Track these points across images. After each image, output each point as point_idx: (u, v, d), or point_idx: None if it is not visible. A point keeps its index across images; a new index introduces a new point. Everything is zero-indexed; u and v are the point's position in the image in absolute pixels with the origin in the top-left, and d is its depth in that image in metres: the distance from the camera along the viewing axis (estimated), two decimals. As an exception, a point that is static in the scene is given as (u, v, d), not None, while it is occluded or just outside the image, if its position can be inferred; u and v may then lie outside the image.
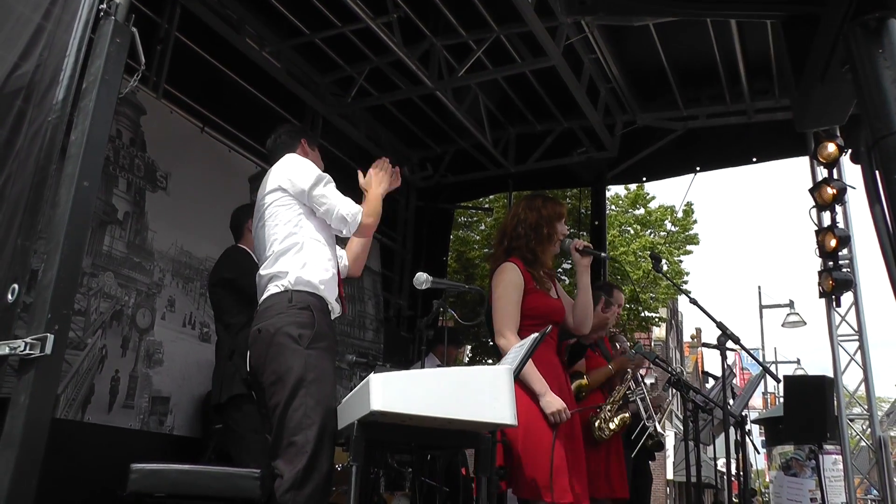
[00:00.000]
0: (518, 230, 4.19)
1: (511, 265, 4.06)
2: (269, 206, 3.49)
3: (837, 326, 7.85)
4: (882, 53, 1.87)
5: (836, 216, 7.56)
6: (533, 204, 4.29)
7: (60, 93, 2.85)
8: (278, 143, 3.84)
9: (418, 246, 10.22)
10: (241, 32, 7.14)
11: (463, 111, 8.24)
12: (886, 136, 1.79)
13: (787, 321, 21.93)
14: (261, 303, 3.41)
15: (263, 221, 3.51)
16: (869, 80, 1.86)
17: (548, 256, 4.24)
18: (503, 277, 4.04)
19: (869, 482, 8.29)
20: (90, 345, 5.35)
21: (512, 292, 3.97)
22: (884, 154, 1.80)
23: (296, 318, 3.23)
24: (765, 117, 8.40)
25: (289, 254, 3.39)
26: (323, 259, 3.47)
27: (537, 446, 3.69)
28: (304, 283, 3.32)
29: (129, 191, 5.81)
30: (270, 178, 3.57)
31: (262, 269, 3.46)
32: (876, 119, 1.83)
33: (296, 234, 3.42)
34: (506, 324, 3.90)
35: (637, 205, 20.36)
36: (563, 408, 3.75)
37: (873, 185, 1.88)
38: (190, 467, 2.98)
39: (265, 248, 3.48)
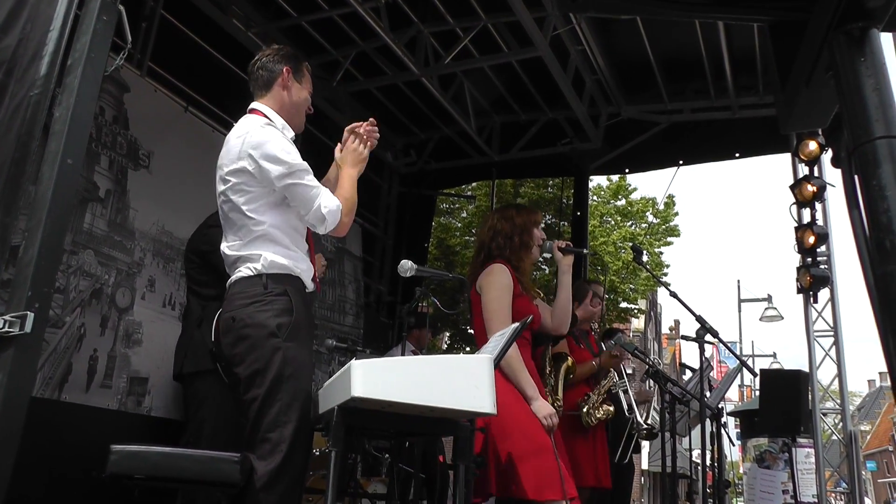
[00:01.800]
0: (497, 241, 4.24)
1: (502, 267, 4.10)
2: (233, 185, 3.23)
3: (814, 322, 7.94)
4: (864, 62, 1.91)
5: (816, 213, 7.63)
6: (507, 214, 4.35)
7: (43, 68, 2.83)
8: (256, 73, 3.49)
9: (400, 232, 10.21)
10: (227, 12, 7.10)
11: (448, 98, 8.24)
12: (866, 143, 1.83)
13: (765, 315, 22.15)
14: (231, 285, 3.25)
15: (228, 201, 3.27)
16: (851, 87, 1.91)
17: (527, 263, 4.29)
18: (497, 279, 4.06)
19: (839, 475, 8.38)
20: (68, 323, 5.31)
21: (505, 296, 4.01)
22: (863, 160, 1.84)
23: (272, 305, 3.10)
24: (749, 113, 8.44)
25: (260, 240, 3.20)
26: (297, 244, 3.32)
27: (538, 447, 3.71)
28: (278, 267, 3.18)
29: (112, 169, 5.77)
30: (234, 149, 3.26)
31: (228, 249, 3.28)
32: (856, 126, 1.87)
33: (265, 222, 3.21)
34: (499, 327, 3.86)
35: (619, 196, 20.41)
36: (553, 412, 3.81)
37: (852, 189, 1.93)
38: (171, 450, 2.96)
39: (231, 228, 3.29)
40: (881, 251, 1.79)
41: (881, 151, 1.82)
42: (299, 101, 3.51)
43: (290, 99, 3.47)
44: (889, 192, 1.78)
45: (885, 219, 1.78)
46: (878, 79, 1.89)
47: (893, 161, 1.80)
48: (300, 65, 3.55)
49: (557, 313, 4.36)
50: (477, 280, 4.13)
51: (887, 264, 1.77)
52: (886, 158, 1.81)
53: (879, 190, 1.80)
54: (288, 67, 3.46)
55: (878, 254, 1.80)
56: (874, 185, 1.82)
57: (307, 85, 3.57)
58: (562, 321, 4.38)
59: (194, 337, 4.73)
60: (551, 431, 3.79)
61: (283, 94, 3.45)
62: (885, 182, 1.79)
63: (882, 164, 1.81)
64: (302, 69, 3.55)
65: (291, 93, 3.47)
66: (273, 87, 3.45)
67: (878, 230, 1.80)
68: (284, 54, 3.51)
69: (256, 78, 3.49)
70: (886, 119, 1.84)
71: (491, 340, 3.53)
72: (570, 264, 4.39)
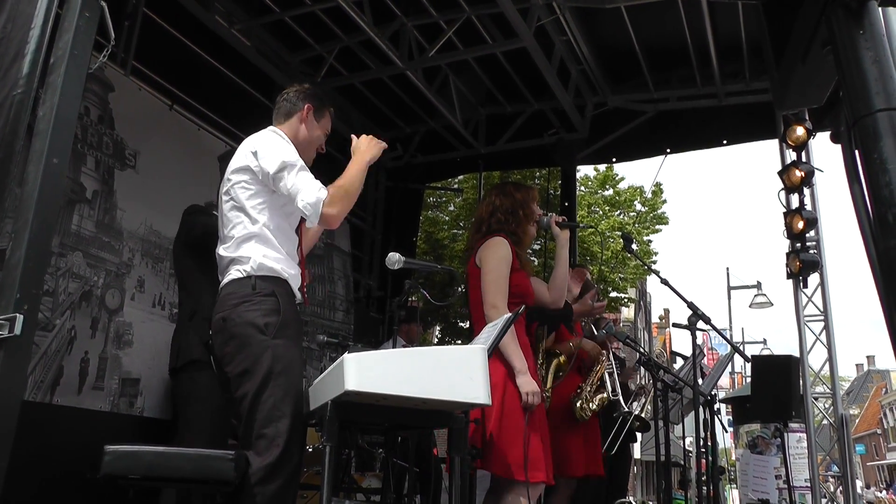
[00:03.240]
0: (497, 216, 4.24)
1: (502, 240, 4.10)
2: (235, 185, 3.31)
3: (804, 307, 7.94)
4: (863, 34, 1.89)
5: (804, 198, 7.63)
6: (505, 190, 4.37)
7: (25, 67, 2.81)
8: (281, 103, 3.61)
9: (388, 226, 10.21)
10: (210, 9, 7.07)
11: (433, 92, 8.23)
12: (866, 116, 1.81)
13: (755, 302, 22.21)
14: (222, 287, 3.30)
15: (229, 199, 3.35)
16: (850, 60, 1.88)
17: (528, 237, 4.31)
18: (496, 251, 4.06)
19: (830, 459, 8.42)
20: (59, 326, 5.29)
21: (504, 267, 4.01)
22: (863, 133, 1.82)
23: (261, 305, 3.15)
24: (735, 100, 8.45)
25: (252, 241, 3.26)
26: (288, 249, 3.36)
27: (513, 425, 3.72)
28: (267, 269, 3.22)
29: (98, 169, 5.74)
30: (240, 153, 3.39)
31: (223, 250, 3.35)
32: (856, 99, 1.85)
33: (259, 221, 3.27)
34: (498, 297, 3.94)
35: (606, 185, 20.41)
36: (538, 391, 3.80)
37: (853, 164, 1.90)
38: (164, 449, 2.94)
39: (227, 228, 3.34)
40: (884, 226, 1.76)
41: (882, 124, 1.80)
42: (312, 138, 3.58)
43: (304, 133, 3.54)
44: (891, 166, 1.75)
45: (886, 192, 1.76)
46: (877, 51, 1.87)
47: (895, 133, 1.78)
48: (324, 107, 3.64)
49: (554, 287, 4.39)
50: (476, 253, 4.12)
51: (890, 239, 1.75)
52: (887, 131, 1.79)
53: (881, 163, 1.78)
54: (311, 105, 3.55)
55: (881, 229, 1.78)
56: (875, 158, 1.80)
57: (325, 126, 3.65)
58: (559, 295, 4.41)
59: (186, 330, 4.71)
60: (529, 409, 3.77)
61: (299, 127, 3.53)
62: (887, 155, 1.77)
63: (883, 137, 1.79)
64: (324, 112, 3.64)
65: (308, 128, 3.55)
66: (292, 118, 3.54)
67: (881, 204, 1.78)
68: (312, 94, 3.62)
69: (280, 107, 3.59)
70: (887, 91, 1.82)
71: (484, 331, 3.53)
72: (567, 238, 4.42)
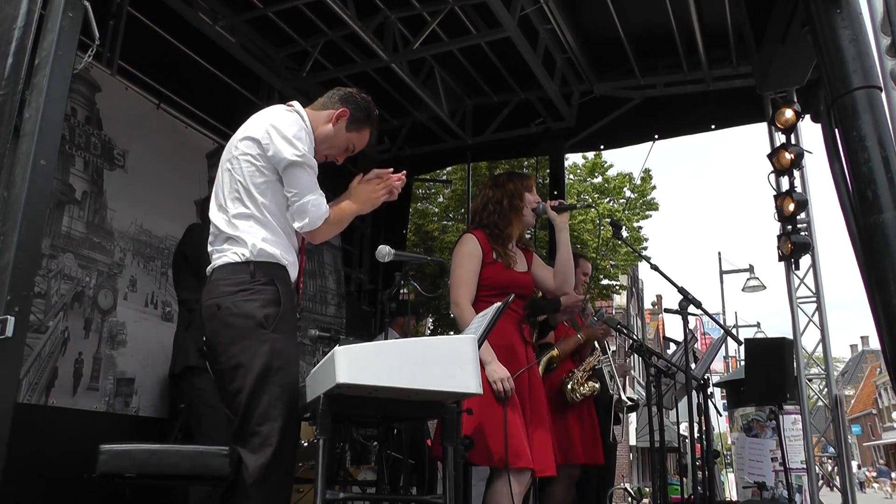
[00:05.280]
0: (488, 208, 4.26)
1: (470, 237, 4.13)
2: (241, 157, 3.16)
3: (796, 289, 7.98)
4: (840, 13, 1.90)
5: (794, 181, 7.66)
6: (498, 181, 4.38)
7: (7, 69, 2.81)
8: (329, 94, 3.46)
9: (377, 219, 10.17)
10: (193, 6, 7.04)
11: (419, 83, 8.23)
12: (844, 95, 1.83)
13: (747, 286, 22.21)
14: (215, 268, 3.16)
15: (231, 168, 3.19)
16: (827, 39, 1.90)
17: (514, 229, 4.29)
18: (460, 248, 4.12)
19: (826, 440, 8.46)
20: (52, 327, 5.29)
21: (468, 263, 4.03)
22: (842, 112, 1.83)
23: (260, 295, 3.03)
24: (723, 85, 8.46)
25: (251, 221, 3.13)
26: (287, 235, 3.23)
27: (487, 415, 3.74)
28: (266, 255, 3.09)
29: (87, 170, 5.74)
30: (257, 123, 3.22)
31: (221, 220, 3.19)
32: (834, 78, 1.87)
33: (260, 201, 3.13)
34: (460, 293, 3.99)
35: (595, 173, 20.44)
36: (507, 377, 3.79)
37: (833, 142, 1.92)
38: (159, 446, 2.95)
39: (225, 195, 3.19)
40: (863, 202, 1.78)
41: (860, 102, 1.81)
42: (332, 143, 3.42)
43: (328, 132, 3.38)
44: (869, 143, 1.77)
45: (866, 169, 1.78)
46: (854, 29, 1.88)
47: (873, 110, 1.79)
48: (363, 124, 3.47)
49: (559, 272, 4.34)
50: None
51: (870, 215, 1.76)
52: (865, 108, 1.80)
53: (860, 140, 1.79)
54: (348, 111, 3.39)
55: (861, 205, 1.79)
56: (854, 136, 1.81)
57: (351, 140, 3.46)
58: (564, 279, 4.35)
59: (183, 338, 4.75)
60: (504, 396, 3.78)
61: (326, 124, 3.37)
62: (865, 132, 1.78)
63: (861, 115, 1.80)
64: (362, 128, 3.47)
65: (333, 130, 3.39)
66: (325, 111, 3.39)
67: (860, 181, 1.79)
68: (360, 106, 3.44)
69: (325, 95, 3.47)
70: (864, 69, 1.83)
71: (474, 321, 3.54)
72: (565, 221, 4.36)
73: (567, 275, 4.36)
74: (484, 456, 3.74)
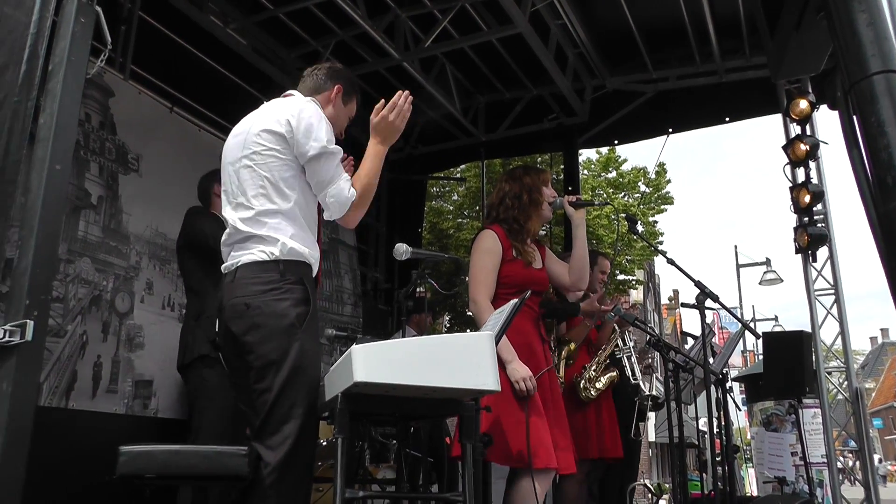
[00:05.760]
0: (505, 202, 4.23)
1: (489, 233, 4.09)
2: (264, 151, 3.14)
3: (814, 281, 7.93)
4: (856, -3, 1.86)
5: (810, 172, 7.61)
6: (514, 175, 4.34)
7: (21, 75, 2.82)
8: (308, 77, 3.49)
9: (392, 218, 10.21)
10: (204, 10, 7.07)
11: (431, 82, 8.24)
12: (862, 80, 1.80)
13: (764, 279, 22.12)
14: (240, 266, 3.11)
15: (254, 163, 3.16)
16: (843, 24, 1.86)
17: (533, 224, 4.23)
18: (479, 245, 4.09)
19: (847, 434, 8.40)
20: (70, 331, 5.32)
21: (487, 260, 4.00)
22: (860, 97, 1.80)
23: (291, 294, 3.02)
24: (736, 76, 8.42)
25: (279, 218, 3.11)
26: (312, 229, 3.24)
27: (508, 413, 3.72)
28: (296, 254, 3.08)
29: (102, 174, 5.77)
30: (273, 115, 3.21)
31: (239, 219, 3.17)
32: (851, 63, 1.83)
33: (291, 198, 3.13)
34: (479, 290, 3.95)
35: (609, 168, 20.40)
36: (529, 376, 3.77)
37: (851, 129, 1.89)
38: (179, 447, 2.96)
39: (246, 194, 3.16)
40: (883, 189, 1.75)
41: (878, 87, 1.77)
42: (342, 115, 3.52)
43: (331, 113, 3.42)
44: (888, 128, 1.74)
45: (885, 155, 1.75)
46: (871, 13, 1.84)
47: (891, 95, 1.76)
48: (353, 92, 3.56)
49: (574, 268, 4.30)
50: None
51: (890, 202, 1.73)
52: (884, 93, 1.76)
53: (878, 126, 1.76)
54: (341, 87, 3.47)
55: (881, 192, 1.76)
56: (872, 121, 1.78)
57: (350, 111, 3.58)
58: (579, 276, 4.32)
59: (193, 329, 4.75)
60: (527, 395, 3.77)
61: (326, 106, 3.42)
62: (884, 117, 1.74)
63: (880, 100, 1.76)
64: (353, 96, 3.57)
65: (335, 109, 3.46)
66: (319, 94, 3.43)
67: (879, 167, 1.76)
68: (344, 75, 3.53)
69: (307, 80, 3.49)
70: (882, 53, 1.80)
71: (491, 318, 3.53)
72: (583, 217, 4.33)
73: (583, 271, 4.32)
74: (507, 455, 3.71)
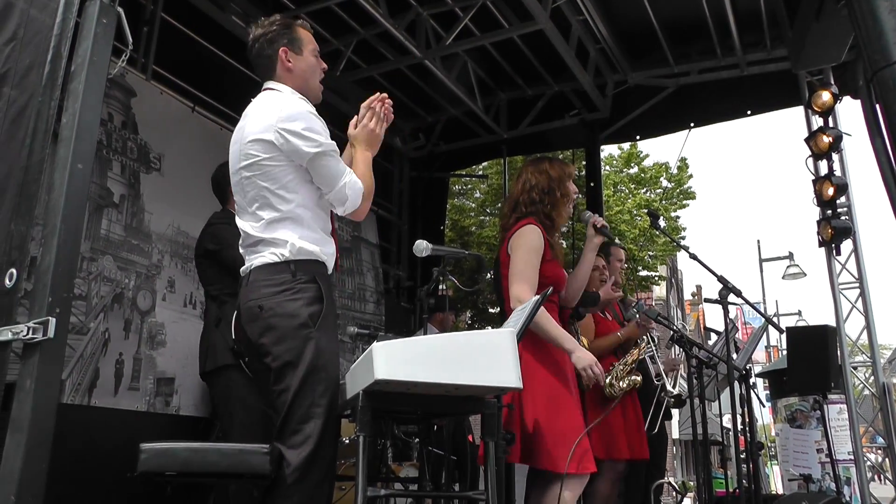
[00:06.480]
0: (531, 195, 4.09)
1: (535, 227, 3.95)
2: (259, 162, 3.11)
3: (838, 275, 7.84)
4: (877, -15, 1.83)
5: (833, 164, 7.53)
6: (540, 167, 4.18)
7: (45, 75, 2.84)
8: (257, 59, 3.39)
9: (414, 216, 10.23)
10: (226, 10, 7.10)
11: (452, 79, 8.22)
12: (884, 68, 1.77)
13: (788, 273, 21.95)
14: (252, 269, 3.13)
15: (252, 174, 3.14)
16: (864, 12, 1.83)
17: (563, 219, 4.16)
18: (527, 239, 3.93)
19: (874, 430, 8.31)
20: (93, 329, 5.36)
21: (534, 258, 3.86)
22: (883, 85, 1.77)
23: (304, 293, 3.02)
24: (757, 69, 8.36)
25: (286, 223, 3.11)
26: (322, 224, 3.23)
27: (562, 417, 3.65)
28: (306, 253, 3.07)
29: (124, 173, 5.80)
30: (260, 119, 3.16)
31: (249, 228, 3.18)
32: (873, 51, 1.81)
33: (292, 201, 3.11)
34: (524, 289, 3.78)
35: (631, 164, 20.32)
36: (594, 362, 3.71)
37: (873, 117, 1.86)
38: (200, 445, 2.96)
39: (252, 205, 3.16)
40: (908, 177, 1.72)
41: (902, 75, 1.74)
42: (306, 70, 3.40)
43: (297, 73, 3.37)
44: (913, 116, 1.71)
45: (909, 143, 1.72)
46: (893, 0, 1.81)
47: None
48: (293, 34, 3.40)
49: (573, 285, 4.22)
50: (508, 241, 3.99)
51: (914, 190, 1.71)
52: None
53: None
54: (283, 47, 3.34)
55: (905, 180, 1.74)
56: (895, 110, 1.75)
57: (309, 48, 3.43)
58: (574, 295, 4.25)
59: (213, 336, 4.76)
60: (591, 384, 3.73)
61: (288, 75, 3.35)
62: None
63: None
64: (296, 37, 3.40)
65: (296, 67, 3.36)
66: (276, 70, 3.36)
67: (904, 156, 1.74)
68: (274, 35, 3.36)
69: (257, 66, 3.41)
70: (905, 40, 1.76)
71: (512, 315, 3.49)
72: (598, 244, 4.28)
73: (579, 291, 4.27)
74: (548, 459, 3.60)
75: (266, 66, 3.38)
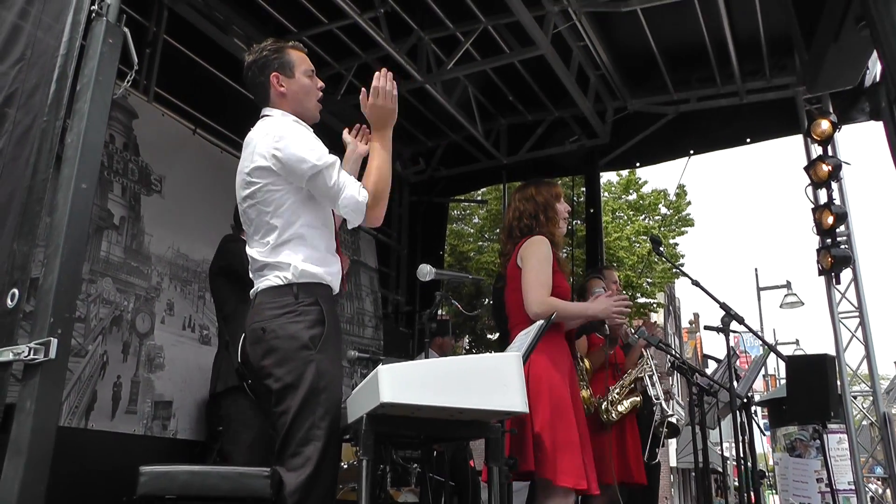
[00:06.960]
0: (523, 222, 4.14)
1: (544, 238, 4.00)
2: (260, 187, 3.12)
3: (838, 304, 7.83)
4: (900, 4, 1.82)
5: (833, 193, 7.55)
6: (526, 194, 4.25)
7: (50, 95, 2.83)
8: (252, 90, 3.40)
9: (413, 241, 10.23)
10: (228, 33, 7.13)
11: (453, 104, 8.25)
12: (909, 88, 1.76)
13: (785, 302, 21.92)
14: (258, 293, 3.15)
15: (255, 202, 3.15)
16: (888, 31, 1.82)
17: (559, 237, 4.21)
18: (538, 248, 3.96)
19: (874, 460, 8.26)
20: (91, 351, 5.33)
21: (546, 267, 3.90)
22: (906, 106, 1.76)
23: (305, 316, 3.00)
24: (757, 98, 8.40)
25: (289, 245, 3.10)
26: (326, 244, 3.22)
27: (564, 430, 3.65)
28: (309, 276, 3.07)
29: (125, 195, 5.79)
30: (255, 148, 3.16)
31: (256, 254, 3.18)
32: (897, 71, 1.79)
33: (294, 224, 3.11)
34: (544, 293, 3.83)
35: (630, 190, 20.36)
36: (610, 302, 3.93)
37: (896, 139, 1.85)
38: (199, 468, 2.93)
39: (258, 233, 3.18)
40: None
41: (926, 94, 1.74)
42: (299, 91, 3.37)
43: (291, 96, 3.35)
44: (936, 138, 1.70)
45: (933, 165, 1.71)
46: None
47: None
48: (284, 57, 3.38)
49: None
50: (517, 253, 4.02)
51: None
52: None
53: None
54: (274, 72, 3.33)
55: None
56: (919, 131, 1.74)
57: (301, 69, 3.40)
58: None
59: (223, 357, 4.76)
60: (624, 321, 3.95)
61: (282, 100, 3.34)
62: None
63: None
64: (287, 60, 3.38)
65: (289, 91, 3.34)
66: (270, 95, 3.34)
67: (927, 177, 1.72)
68: (265, 61, 3.35)
69: (253, 93, 3.41)
70: (929, 61, 1.75)
71: (517, 339, 3.49)
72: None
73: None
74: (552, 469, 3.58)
75: (261, 92, 3.38)
